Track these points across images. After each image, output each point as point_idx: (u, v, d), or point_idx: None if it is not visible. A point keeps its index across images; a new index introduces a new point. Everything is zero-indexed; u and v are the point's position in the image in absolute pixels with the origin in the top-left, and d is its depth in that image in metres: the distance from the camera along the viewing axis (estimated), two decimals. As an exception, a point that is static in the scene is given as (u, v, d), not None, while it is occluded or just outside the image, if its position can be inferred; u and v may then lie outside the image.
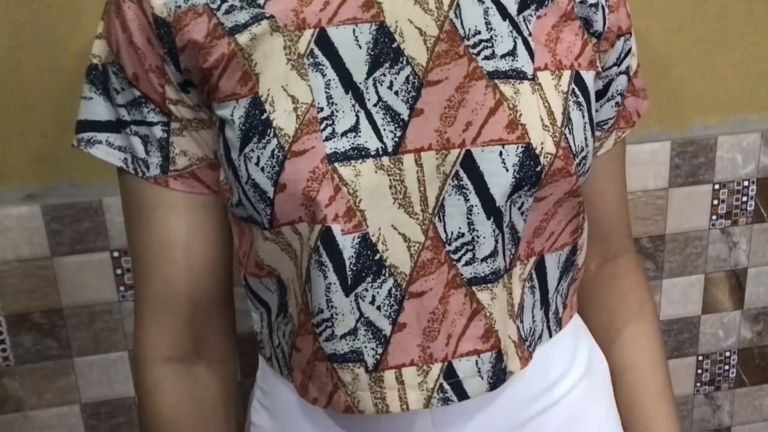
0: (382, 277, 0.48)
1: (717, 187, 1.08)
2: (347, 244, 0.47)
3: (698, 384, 1.17)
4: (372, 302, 0.48)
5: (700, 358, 1.16)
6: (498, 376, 0.50)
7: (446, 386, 0.49)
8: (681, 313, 1.13)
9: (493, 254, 0.49)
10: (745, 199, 1.09)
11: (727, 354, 1.17)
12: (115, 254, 0.94)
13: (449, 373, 0.49)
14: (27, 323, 0.94)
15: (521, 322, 0.53)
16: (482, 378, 0.50)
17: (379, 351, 0.49)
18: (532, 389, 0.57)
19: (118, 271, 0.95)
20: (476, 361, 0.50)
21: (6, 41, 0.84)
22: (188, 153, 0.54)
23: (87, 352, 0.97)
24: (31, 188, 0.91)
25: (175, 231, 0.55)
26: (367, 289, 0.48)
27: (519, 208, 0.50)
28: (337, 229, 0.47)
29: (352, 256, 0.47)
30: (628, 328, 0.66)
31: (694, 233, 1.09)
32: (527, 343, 0.54)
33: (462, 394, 0.50)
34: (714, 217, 1.09)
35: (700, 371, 1.17)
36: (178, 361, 0.57)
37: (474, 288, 0.49)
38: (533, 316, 0.55)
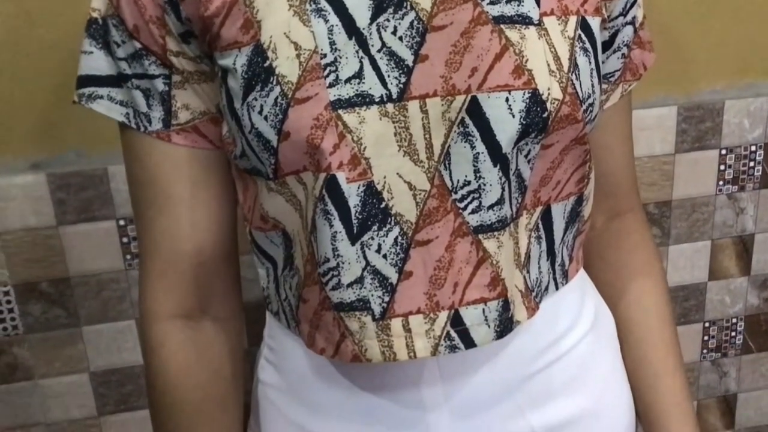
0: (388, 226, 0.48)
1: (724, 152, 1.07)
2: (352, 193, 0.47)
3: (705, 351, 1.17)
4: (378, 251, 0.48)
5: (707, 324, 1.16)
6: (505, 325, 0.50)
7: (453, 334, 0.49)
8: (687, 280, 1.13)
9: (500, 202, 0.49)
10: (752, 164, 1.09)
11: (734, 320, 1.16)
12: (121, 223, 0.94)
13: (456, 321, 0.49)
14: (35, 292, 0.95)
15: (528, 272, 0.53)
16: (489, 326, 0.50)
17: (386, 299, 0.49)
18: (539, 342, 0.57)
19: (125, 240, 0.95)
20: (483, 309, 0.50)
21: (10, 9, 0.84)
22: (190, 107, 0.54)
23: (95, 320, 0.97)
24: (36, 157, 0.91)
25: (178, 186, 0.55)
26: (372, 238, 0.48)
27: (526, 156, 0.50)
28: (341, 177, 0.47)
29: (358, 205, 0.47)
30: (635, 284, 0.66)
31: (701, 199, 1.09)
32: (534, 294, 0.54)
33: (469, 342, 0.50)
34: (721, 182, 1.09)
35: (706, 338, 1.17)
36: (184, 318, 0.58)
37: (480, 236, 0.49)
38: (539, 267, 0.55)
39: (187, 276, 0.57)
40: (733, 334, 1.17)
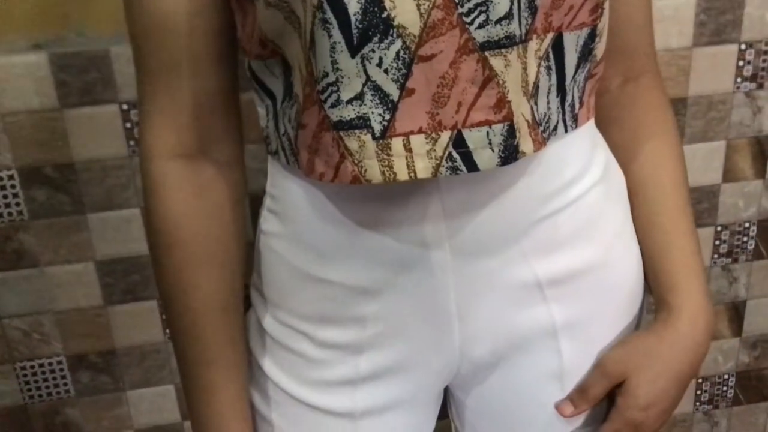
0: (390, 38, 0.46)
1: (744, 47, 1.03)
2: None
3: (715, 255, 1.16)
4: (379, 65, 0.46)
5: (719, 228, 1.14)
6: (509, 152, 0.49)
7: (455, 155, 0.48)
8: (701, 182, 1.11)
9: (508, 16, 0.46)
10: (772, 60, 1.05)
11: (746, 225, 1.15)
12: (124, 107, 0.93)
13: (459, 143, 0.48)
14: (39, 177, 0.94)
15: (536, 103, 0.51)
16: (493, 151, 0.48)
17: (387, 117, 0.47)
18: (546, 186, 0.56)
19: (128, 125, 0.94)
20: (487, 132, 0.48)
21: None
22: None
23: (100, 208, 0.97)
24: (38, 38, 0.89)
25: (176, 16, 0.53)
26: (373, 50, 0.46)
27: None
28: None
29: (358, 13, 0.45)
30: (649, 145, 0.64)
31: (718, 96, 1.06)
32: (541, 128, 0.52)
33: (472, 165, 0.48)
34: (739, 79, 1.05)
35: (717, 242, 1.15)
36: (185, 158, 0.57)
37: (487, 53, 0.47)
38: (548, 102, 0.53)
39: (187, 112, 0.55)
40: (745, 239, 1.16)
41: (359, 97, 0.47)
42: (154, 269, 0.59)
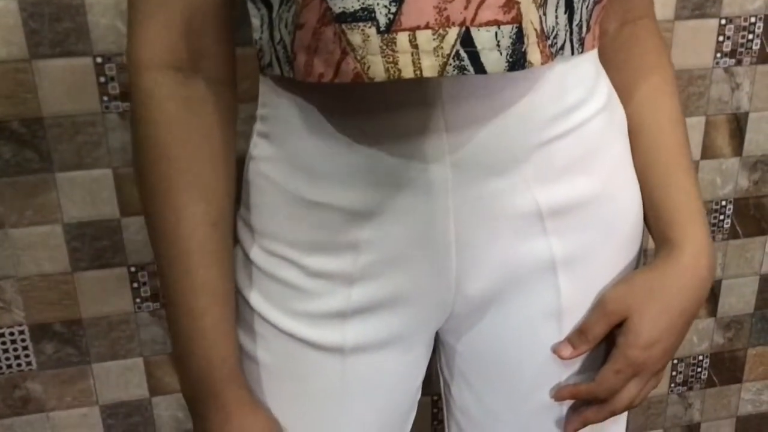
0: None
1: (723, 22, 1.05)
2: None
3: (693, 233, 1.16)
4: None
5: (697, 205, 1.14)
6: (517, 57, 0.47)
7: (463, 54, 0.46)
8: (680, 157, 1.11)
9: None
10: (750, 36, 1.06)
11: (723, 203, 1.15)
12: (99, 60, 0.89)
13: (466, 41, 0.46)
14: (5, 132, 0.90)
15: (544, 14, 0.50)
16: (501, 54, 0.46)
17: (393, 10, 0.45)
18: (551, 108, 0.54)
19: (102, 80, 0.90)
20: (496, 33, 0.46)
21: None
22: None
23: (69, 167, 0.93)
24: (7, -17, 0.85)
25: None
26: None
27: None
28: None
29: None
30: (646, 85, 0.64)
31: (698, 71, 1.07)
32: (549, 42, 0.51)
33: (479, 67, 0.46)
34: (718, 54, 1.06)
35: (695, 219, 1.15)
36: (175, 70, 0.54)
37: None
38: (557, 17, 0.52)
39: (179, 22, 0.53)
40: (722, 217, 1.16)
41: None
42: (140, 190, 0.56)
